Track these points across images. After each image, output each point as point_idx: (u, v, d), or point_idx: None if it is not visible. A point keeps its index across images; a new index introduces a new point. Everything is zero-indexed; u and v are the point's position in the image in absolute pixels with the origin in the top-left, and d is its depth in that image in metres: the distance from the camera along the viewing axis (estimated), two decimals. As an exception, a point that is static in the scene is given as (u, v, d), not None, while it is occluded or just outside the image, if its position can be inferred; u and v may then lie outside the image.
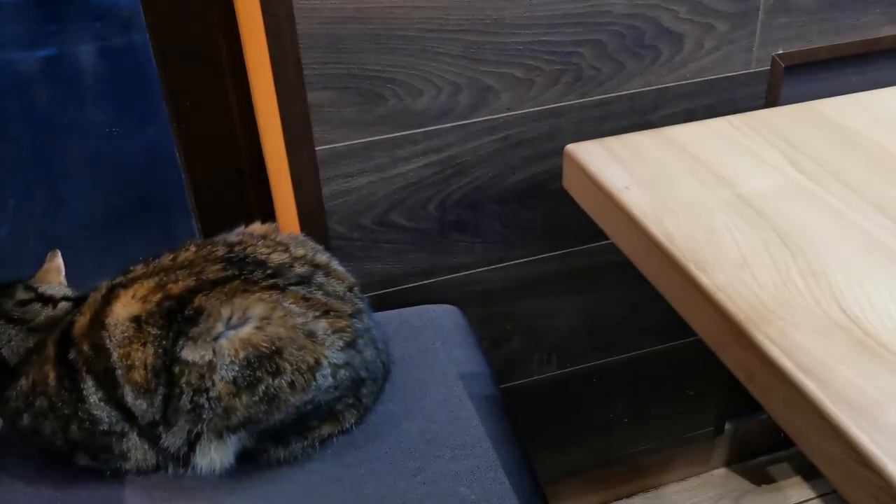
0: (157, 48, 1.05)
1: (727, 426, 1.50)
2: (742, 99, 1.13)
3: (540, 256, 1.17)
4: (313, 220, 1.04)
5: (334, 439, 0.86)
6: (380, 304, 1.03)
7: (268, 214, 1.16)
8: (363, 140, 1.01)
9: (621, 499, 1.51)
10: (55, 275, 0.90)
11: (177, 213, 1.44)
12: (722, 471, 1.56)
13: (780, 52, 1.11)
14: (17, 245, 1.52)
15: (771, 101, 1.13)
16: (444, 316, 1.05)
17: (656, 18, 1.04)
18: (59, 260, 0.92)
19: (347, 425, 0.86)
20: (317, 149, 1.00)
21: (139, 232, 1.51)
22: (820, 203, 0.73)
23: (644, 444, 1.46)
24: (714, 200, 0.73)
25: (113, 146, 1.53)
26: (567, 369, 1.30)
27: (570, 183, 0.82)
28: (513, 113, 1.04)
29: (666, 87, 1.09)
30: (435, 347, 0.99)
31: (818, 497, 1.50)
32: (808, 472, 1.55)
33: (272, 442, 0.82)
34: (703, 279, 0.63)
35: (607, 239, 1.19)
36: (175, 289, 0.79)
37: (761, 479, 1.55)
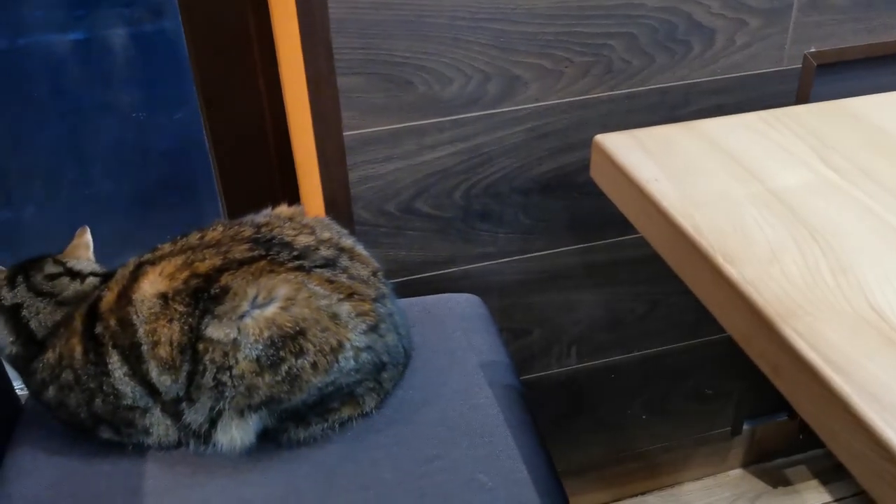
0: (188, 32, 1.06)
1: (745, 427, 1.50)
2: (773, 96, 1.12)
3: (563, 249, 1.17)
4: (339, 205, 1.05)
5: (354, 422, 0.86)
6: (402, 291, 1.04)
7: (293, 199, 1.17)
8: (391, 127, 1.01)
9: (636, 496, 1.51)
10: (84, 250, 0.91)
11: (204, 197, 1.45)
12: (738, 471, 1.56)
13: (813, 50, 1.10)
14: (45, 224, 1.54)
15: (802, 99, 1.12)
16: (466, 305, 1.06)
17: (689, 13, 1.03)
18: (87, 236, 0.93)
19: (367, 409, 0.87)
20: (345, 134, 1.00)
21: (166, 214, 1.52)
22: (850, 200, 0.72)
23: (661, 442, 1.46)
24: (744, 194, 0.73)
25: (142, 129, 1.54)
26: (586, 363, 1.30)
27: (597, 173, 0.81)
28: (541, 103, 1.04)
29: (696, 83, 1.09)
30: (456, 336, 0.99)
31: (835, 501, 1.49)
32: (826, 476, 1.54)
33: (293, 422, 0.83)
34: (732, 272, 0.63)
35: (630, 234, 1.19)
36: (202, 267, 0.80)
37: (778, 481, 1.54)
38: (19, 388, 0.96)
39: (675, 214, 0.70)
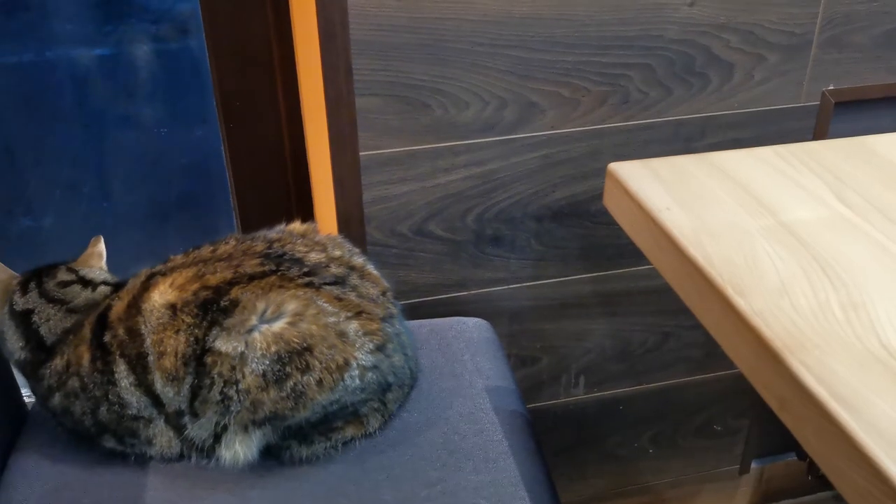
0: (211, 49, 1.07)
1: (753, 465, 1.48)
2: (790, 132, 1.12)
3: (574, 277, 1.17)
4: (352, 224, 1.05)
5: (357, 442, 0.86)
6: (411, 313, 1.04)
7: (307, 217, 1.17)
8: (406, 148, 1.02)
9: (641, 531, 1.49)
10: (97, 259, 0.92)
11: (219, 212, 1.46)
12: (745, 511, 1.53)
13: (831, 87, 1.10)
14: (61, 234, 1.55)
15: (819, 136, 1.12)
16: (475, 329, 1.05)
17: (707, 46, 1.04)
18: (101, 246, 0.93)
19: (371, 429, 0.87)
20: (360, 154, 1.01)
21: (181, 228, 1.53)
22: (864, 237, 0.72)
23: (667, 477, 1.44)
24: (756, 227, 0.73)
25: (162, 145, 1.56)
26: (594, 394, 1.29)
27: (610, 201, 0.81)
28: (556, 131, 1.05)
29: (713, 116, 1.09)
30: (464, 359, 0.99)
31: (844, 545, 1.47)
32: (835, 519, 1.51)
33: (296, 440, 0.83)
34: (741, 303, 0.63)
35: (643, 264, 1.19)
36: (213, 280, 0.80)
37: (785, 522, 1.52)
38: (26, 395, 0.97)
39: (686, 244, 0.69)
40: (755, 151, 0.86)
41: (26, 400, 0.97)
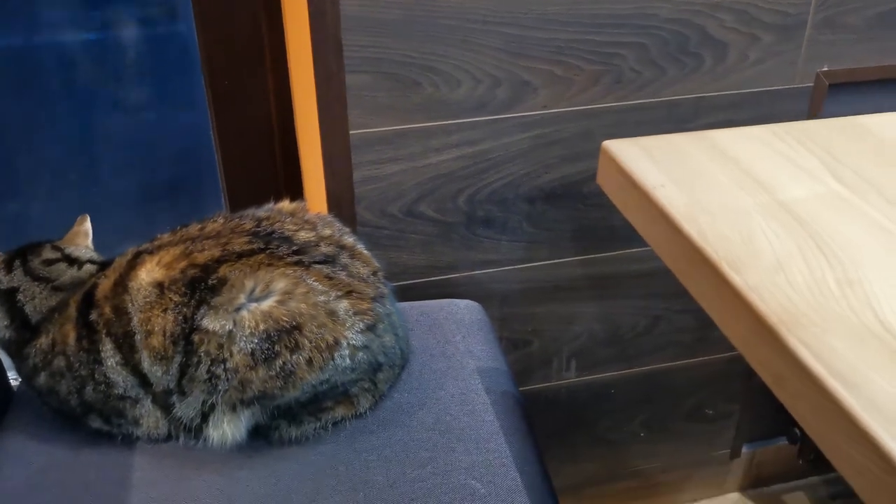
0: (201, 32, 1.06)
1: (744, 450, 1.48)
2: (784, 114, 1.11)
3: (566, 259, 1.16)
4: (342, 204, 1.04)
5: (347, 423, 0.85)
6: (402, 294, 1.03)
7: (297, 198, 1.16)
8: (397, 127, 1.00)
9: (631, 515, 1.49)
10: (83, 238, 0.90)
11: (208, 195, 1.45)
12: (735, 495, 1.54)
13: (825, 68, 1.10)
14: (51, 218, 1.53)
15: (813, 117, 1.12)
16: (466, 311, 1.04)
17: (702, 26, 1.03)
18: (87, 224, 0.92)
19: (361, 410, 0.86)
20: (350, 132, 0.99)
21: (168, 209, 1.52)
22: (859, 214, 0.71)
23: (658, 461, 1.44)
24: (751, 204, 0.72)
25: (150, 128, 1.55)
26: (585, 377, 1.28)
27: (604, 179, 0.81)
28: (549, 111, 1.04)
29: (706, 97, 1.08)
30: (455, 341, 0.98)
31: (833, 528, 1.47)
32: (824, 503, 1.52)
33: (285, 420, 0.82)
34: (736, 279, 0.62)
35: (634, 247, 1.18)
36: (200, 258, 0.79)
37: (775, 506, 1.52)
38: (12, 377, 0.95)
39: (680, 221, 0.69)
40: (750, 130, 0.86)
41: (12, 382, 0.95)
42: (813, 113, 1.12)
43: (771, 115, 1.11)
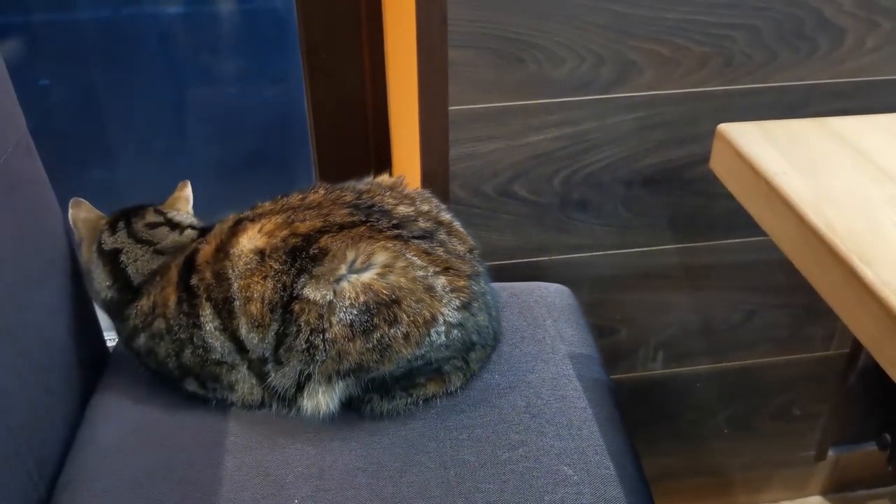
0: (300, 4, 1.05)
1: (830, 453, 1.43)
2: (899, 105, 1.06)
3: (660, 247, 1.13)
4: (436, 180, 1.03)
5: (438, 400, 0.84)
6: (490, 275, 1.01)
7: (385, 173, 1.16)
8: (497, 104, 0.99)
9: (708, 512, 1.46)
10: (184, 203, 0.91)
11: (298, 166, 1.46)
12: (817, 499, 1.49)
13: (949, 58, 1.04)
14: (133, 185, 1.57)
15: (932, 109, 1.06)
16: (556, 295, 1.02)
17: (819, 9, 0.98)
18: (188, 190, 0.93)
19: (453, 388, 0.85)
20: (450, 108, 0.98)
21: (259, 183, 1.54)
22: None
23: (740, 459, 1.40)
24: (879, 195, 0.68)
25: (242, 101, 1.56)
26: (672, 369, 1.25)
27: (718, 164, 0.77)
28: (654, 92, 1.00)
29: (819, 84, 1.03)
30: (545, 325, 0.96)
31: (923, 540, 1.42)
32: (914, 514, 1.46)
33: (378, 393, 0.81)
34: (867, 273, 0.59)
35: (733, 237, 1.14)
36: (302, 227, 0.79)
37: (859, 513, 1.47)
38: (108, 337, 0.97)
39: (805, 210, 0.65)
40: (873, 118, 0.82)
41: (108, 343, 0.97)
42: (933, 104, 1.06)
43: (886, 106, 1.05)
